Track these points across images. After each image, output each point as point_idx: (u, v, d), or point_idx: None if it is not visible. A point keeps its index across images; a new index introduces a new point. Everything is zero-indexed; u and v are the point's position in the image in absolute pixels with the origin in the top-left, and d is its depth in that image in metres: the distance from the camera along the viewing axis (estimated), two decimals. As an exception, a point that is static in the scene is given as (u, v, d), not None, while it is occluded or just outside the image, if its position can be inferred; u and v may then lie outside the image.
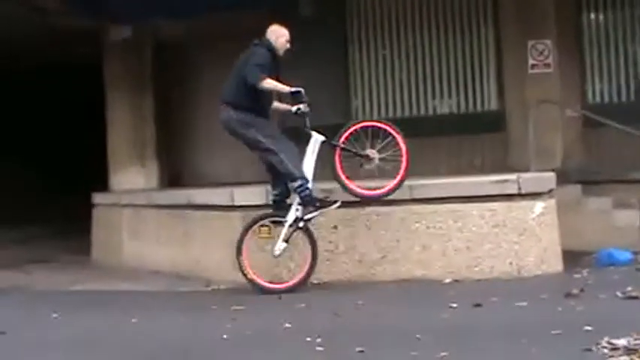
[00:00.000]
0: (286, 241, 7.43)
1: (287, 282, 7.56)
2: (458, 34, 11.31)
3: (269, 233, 7.77)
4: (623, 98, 10.89)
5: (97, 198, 11.54)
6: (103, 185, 12.17)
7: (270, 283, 7.59)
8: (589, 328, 5.17)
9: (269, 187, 7.88)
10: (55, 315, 6.88)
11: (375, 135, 7.53)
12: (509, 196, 7.61)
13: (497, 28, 11.13)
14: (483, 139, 10.90)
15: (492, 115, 11.06)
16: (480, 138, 10.90)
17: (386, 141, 7.49)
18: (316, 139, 7.49)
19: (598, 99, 10.99)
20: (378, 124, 7.60)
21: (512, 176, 7.75)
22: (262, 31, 8.00)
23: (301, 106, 7.41)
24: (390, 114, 11.49)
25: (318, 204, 7.38)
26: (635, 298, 6.18)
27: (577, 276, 7.53)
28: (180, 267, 9.21)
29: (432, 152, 10.85)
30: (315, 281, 7.78)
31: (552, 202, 7.82)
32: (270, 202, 7.80)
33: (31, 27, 11.96)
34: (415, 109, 11.37)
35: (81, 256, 11.21)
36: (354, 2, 11.76)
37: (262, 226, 7.73)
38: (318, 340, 5.35)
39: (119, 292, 8.55)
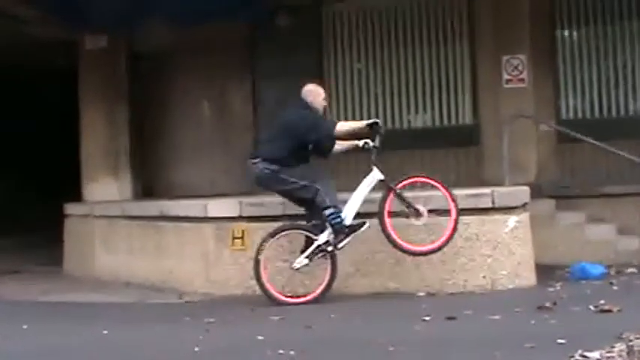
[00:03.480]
0: (309, 258, 7.42)
1: (301, 297, 7.52)
2: (433, 48, 11.36)
3: (242, 245, 7.78)
4: (597, 114, 10.97)
5: (70, 208, 11.45)
6: (78, 195, 12.08)
7: (284, 295, 7.52)
8: (562, 341, 5.17)
9: (242, 199, 7.87)
10: (25, 326, 6.80)
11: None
12: (483, 210, 7.65)
13: (472, 43, 11.18)
14: (458, 153, 10.94)
15: (467, 129, 11.10)
16: (455, 152, 10.94)
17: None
18: (374, 176, 7.50)
19: (572, 114, 11.05)
20: (434, 183, 7.50)
21: (487, 190, 7.78)
22: (239, 43, 8.00)
23: (369, 141, 7.51)
24: (365, 127, 11.51)
25: (347, 230, 7.37)
26: (608, 311, 6.20)
27: (550, 289, 7.56)
28: (153, 278, 9.15)
29: (407, 166, 10.83)
30: (289, 294, 7.76)
31: (526, 216, 7.86)
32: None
33: (7, 36, 11.87)
34: (390, 123, 11.37)
35: (53, 267, 11.10)
36: (330, 15, 11.79)
37: (235, 238, 7.73)
38: (291, 352, 5.32)
39: (90, 303, 8.48)
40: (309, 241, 7.49)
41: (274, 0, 11.18)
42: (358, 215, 7.49)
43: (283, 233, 7.61)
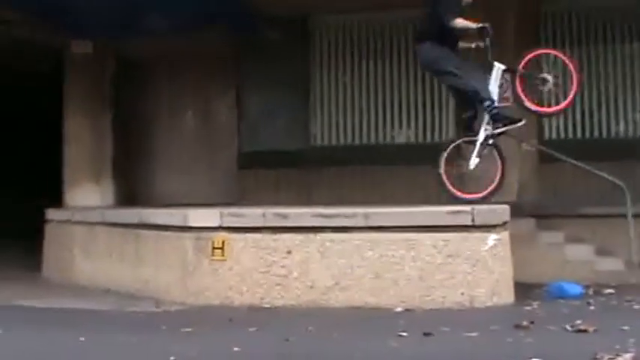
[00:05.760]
0: (479, 156, 8.40)
1: (478, 193, 8.52)
2: (418, 64, 11.38)
3: (222, 255, 7.80)
4: (579, 135, 11.05)
5: (51, 214, 11.40)
6: (59, 201, 12.04)
7: (464, 193, 8.58)
8: (537, 360, 5.20)
9: (223, 209, 7.89)
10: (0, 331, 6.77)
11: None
12: (463, 227, 7.63)
13: (457, 59, 11.23)
14: (441, 170, 10.97)
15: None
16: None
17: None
18: (498, 67, 8.47)
19: (554, 134, 11.13)
20: (552, 52, 9.12)
21: (467, 207, 7.79)
22: (226, 53, 8.08)
23: (487, 26, 8.32)
24: (349, 141, 11.58)
25: (506, 121, 8.35)
26: (584, 331, 6.21)
27: (528, 308, 7.57)
28: (132, 287, 9.11)
29: (389, 181, 10.91)
30: (267, 306, 7.77)
31: (506, 234, 7.86)
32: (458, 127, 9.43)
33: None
34: (374, 137, 11.44)
35: (32, 273, 11.04)
36: (317, 28, 11.85)
37: (215, 248, 7.76)
38: (267, 365, 5.32)
39: (68, 309, 8.42)
40: (472, 143, 8.52)
41: (262, 12, 11.20)
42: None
43: (452, 146, 8.78)
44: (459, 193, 8.63)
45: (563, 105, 8.70)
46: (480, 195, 8.55)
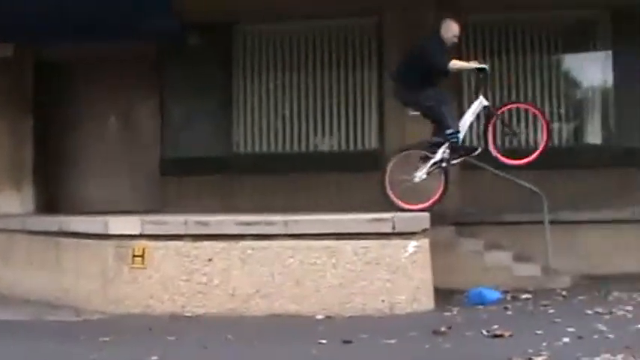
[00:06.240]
0: (428, 174, 8.81)
1: (419, 204, 8.77)
2: (342, 73, 11.52)
3: (142, 263, 7.76)
4: (499, 143, 11.21)
5: (-31, 221, 11.16)
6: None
7: (407, 204, 8.83)
8: (453, 365, 5.28)
9: (144, 217, 7.85)
10: None
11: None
12: (383, 235, 7.72)
13: (380, 69, 11.36)
14: (363, 178, 10.99)
15: (372, 154, 11.24)
16: (360, 176, 11.01)
17: None
18: (481, 101, 8.88)
19: (475, 143, 11.27)
20: (530, 108, 9.63)
21: (387, 215, 7.88)
22: (148, 58, 8.03)
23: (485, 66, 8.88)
24: (272, 148, 11.58)
25: (462, 152, 8.83)
26: (500, 336, 6.33)
27: (447, 314, 7.68)
28: (52, 295, 8.97)
29: (313, 188, 10.96)
30: (188, 314, 7.74)
31: (426, 241, 7.96)
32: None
33: None
34: (297, 145, 11.48)
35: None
36: (241, 35, 11.83)
37: (135, 256, 7.71)
38: (184, 373, 5.30)
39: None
40: (425, 159, 8.87)
41: (185, 18, 11.13)
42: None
43: (404, 153, 9.07)
44: (400, 203, 8.88)
45: (527, 159, 8.92)
46: (420, 207, 8.76)
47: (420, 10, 10.72)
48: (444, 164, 8.88)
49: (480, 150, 8.95)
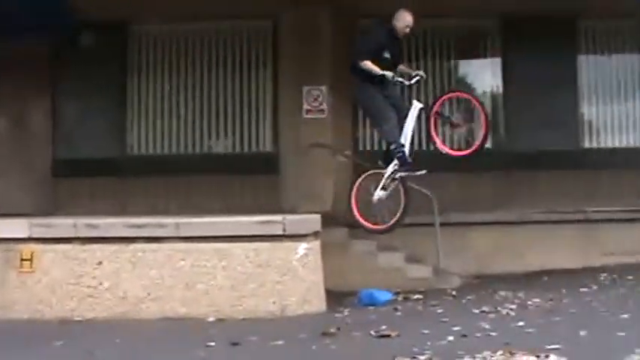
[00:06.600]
0: (384, 189, 8.46)
1: (383, 225, 8.52)
2: (237, 76, 11.53)
3: (31, 267, 7.63)
4: (384, 146, 11.41)
5: None
6: None
7: (372, 224, 8.58)
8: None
9: (32, 219, 7.70)
10: None
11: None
12: (274, 237, 7.75)
13: (275, 72, 11.43)
14: (257, 180, 11.07)
15: (267, 157, 11.30)
16: (254, 179, 11.07)
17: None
18: (416, 106, 8.57)
19: (369, 145, 11.46)
20: (463, 95, 8.98)
21: (278, 217, 7.91)
22: (41, 58, 7.87)
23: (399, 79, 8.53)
24: (166, 150, 11.50)
25: (408, 166, 8.45)
26: (387, 336, 6.42)
27: (338, 315, 7.75)
28: None
29: (207, 191, 10.94)
30: (78, 318, 7.63)
31: (317, 243, 8.03)
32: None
33: None
34: (191, 147, 11.43)
35: None
36: (136, 36, 11.71)
37: (23, 260, 7.60)
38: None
39: None
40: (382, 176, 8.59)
41: (79, 17, 10.95)
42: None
43: (364, 175, 8.79)
44: (366, 223, 8.71)
45: (472, 148, 8.61)
46: (383, 227, 8.64)
47: (315, 12, 10.82)
48: (396, 179, 8.59)
49: (424, 171, 8.49)
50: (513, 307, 7.64)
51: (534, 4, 11.08)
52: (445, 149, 8.62)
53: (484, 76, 12.19)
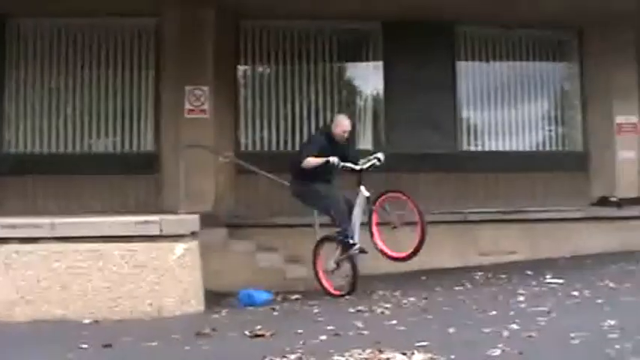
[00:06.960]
0: (336, 264, 8.77)
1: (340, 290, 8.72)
2: (119, 74, 11.42)
3: None
4: (273, 147, 11.54)
5: None
6: None
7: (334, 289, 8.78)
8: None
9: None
10: None
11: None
12: (150, 237, 7.71)
13: (157, 71, 11.36)
14: (138, 180, 11.01)
15: (148, 157, 11.24)
16: (135, 179, 11.00)
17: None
18: (362, 193, 8.64)
19: (250, 146, 11.54)
20: (401, 197, 8.57)
21: (155, 217, 7.88)
22: None
23: (342, 164, 8.54)
24: (45, 148, 11.29)
25: (350, 250, 8.59)
26: (261, 336, 6.48)
27: (215, 316, 7.78)
28: None
29: (87, 191, 10.81)
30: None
31: (194, 244, 8.02)
32: None
33: None
34: (71, 146, 11.26)
35: None
36: (14, 28, 11.44)
37: None
38: None
39: None
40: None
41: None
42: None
43: (321, 241, 9.06)
44: (328, 287, 8.88)
45: (409, 252, 8.47)
46: (338, 292, 8.74)
47: (199, 12, 10.82)
48: (344, 256, 8.76)
49: (367, 252, 8.72)
50: (389, 306, 7.78)
51: (415, 11, 11.34)
52: (384, 249, 8.65)
53: (367, 79, 12.41)
